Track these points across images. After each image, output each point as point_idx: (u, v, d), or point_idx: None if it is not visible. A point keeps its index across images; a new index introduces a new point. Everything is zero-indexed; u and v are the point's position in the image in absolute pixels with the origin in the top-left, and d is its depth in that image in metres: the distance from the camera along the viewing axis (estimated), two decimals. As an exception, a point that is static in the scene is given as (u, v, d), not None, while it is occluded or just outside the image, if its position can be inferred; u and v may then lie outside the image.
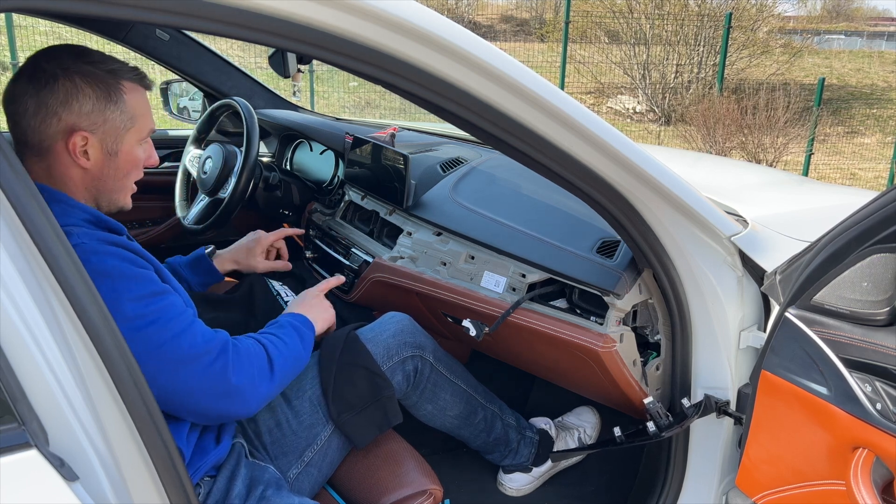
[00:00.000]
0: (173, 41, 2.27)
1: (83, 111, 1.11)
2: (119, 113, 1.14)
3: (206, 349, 1.11)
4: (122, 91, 1.14)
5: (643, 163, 1.17)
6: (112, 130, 1.14)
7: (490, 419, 1.76)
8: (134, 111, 1.16)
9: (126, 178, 1.20)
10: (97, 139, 1.13)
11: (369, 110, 9.74)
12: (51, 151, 1.12)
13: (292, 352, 1.28)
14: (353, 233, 2.07)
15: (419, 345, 1.59)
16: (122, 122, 1.15)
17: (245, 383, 1.15)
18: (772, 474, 1.26)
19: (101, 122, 1.12)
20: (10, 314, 0.72)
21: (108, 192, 1.19)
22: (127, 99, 1.15)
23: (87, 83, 1.11)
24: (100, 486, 0.78)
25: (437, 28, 0.96)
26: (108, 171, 1.16)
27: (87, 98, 1.11)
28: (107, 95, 1.13)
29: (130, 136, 1.17)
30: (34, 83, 1.10)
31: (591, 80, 11.67)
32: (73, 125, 1.10)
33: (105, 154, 1.15)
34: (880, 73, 14.18)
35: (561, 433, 1.91)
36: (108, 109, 1.13)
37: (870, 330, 1.08)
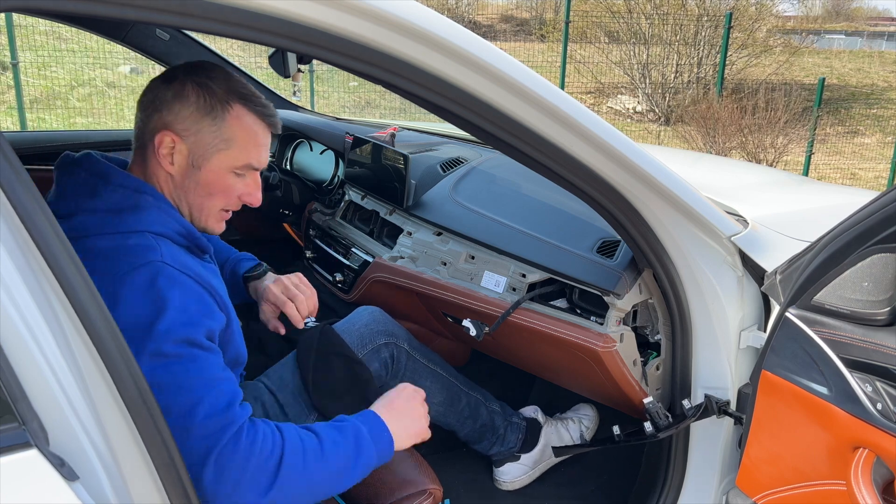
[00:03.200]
0: (173, 41, 2.27)
1: (181, 115, 1.12)
2: (214, 129, 1.13)
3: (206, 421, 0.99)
4: (227, 111, 1.13)
5: (643, 163, 1.17)
6: (201, 144, 1.13)
7: (474, 405, 1.79)
8: (233, 136, 1.14)
9: (210, 198, 1.17)
10: (186, 147, 1.13)
11: (369, 110, 9.74)
12: (147, 147, 1.14)
13: (325, 463, 1.07)
14: (353, 233, 2.07)
15: (392, 333, 1.62)
16: (214, 140, 1.13)
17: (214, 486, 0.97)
18: (772, 474, 1.26)
19: (193, 130, 1.12)
20: (10, 314, 0.72)
21: (192, 206, 1.18)
22: (229, 120, 1.13)
23: (196, 92, 1.12)
24: (100, 485, 0.78)
25: (437, 28, 0.96)
26: (188, 184, 1.15)
27: (189, 104, 1.12)
28: (209, 108, 1.12)
29: (220, 157, 1.14)
30: (159, 81, 1.14)
31: (591, 80, 11.66)
32: (167, 125, 1.12)
33: (189, 164, 1.14)
34: (880, 73, 14.17)
35: (553, 421, 1.92)
36: (204, 122, 1.12)
37: (870, 330, 1.08)
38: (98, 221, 1.07)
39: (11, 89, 7.22)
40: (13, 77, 6.84)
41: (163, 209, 1.12)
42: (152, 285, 1.01)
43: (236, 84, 1.16)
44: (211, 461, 0.97)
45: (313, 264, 2.21)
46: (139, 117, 1.16)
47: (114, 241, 1.05)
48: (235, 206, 1.22)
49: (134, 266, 1.02)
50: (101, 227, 1.06)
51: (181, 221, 1.14)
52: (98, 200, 1.09)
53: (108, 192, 1.10)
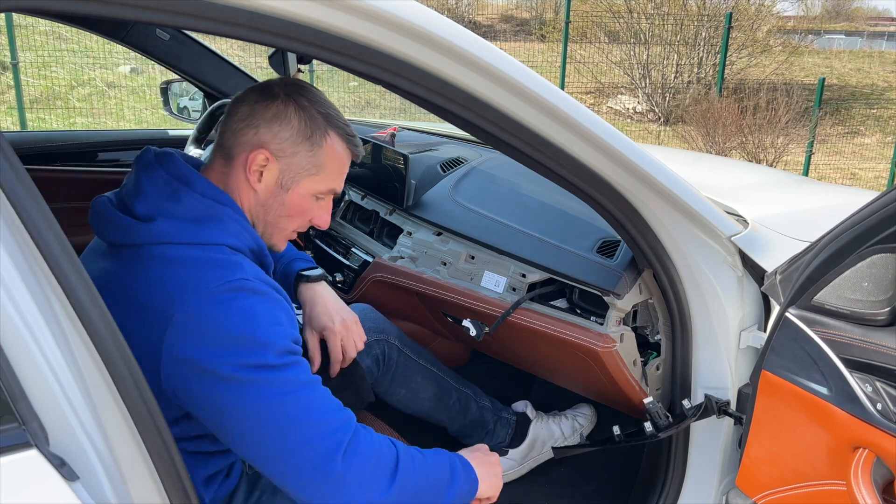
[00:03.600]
0: (173, 41, 2.27)
1: (279, 136, 1.11)
2: (310, 155, 1.13)
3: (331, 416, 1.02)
4: (324, 139, 1.14)
5: (643, 163, 1.17)
6: (294, 166, 1.13)
7: (464, 401, 1.80)
8: (325, 163, 1.15)
9: (287, 219, 1.18)
10: (277, 167, 1.13)
11: (369, 110, 9.74)
12: (235, 160, 1.13)
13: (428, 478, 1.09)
14: (353, 232, 2.07)
15: (383, 329, 1.64)
16: (307, 164, 1.14)
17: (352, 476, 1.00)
18: (772, 474, 1.26)
19: (289, 153, 1.12)
20: (10, 314, 0.72)
21: (267, 224, 1.18)
22: (325, 148, 1.14)
23: (299, 116, 1.12)
24: (100, 486, 0.78)
25: (437, 28, 0.96)
26: (272, 203, 1.15)
27: (290, 127, 1.11)
28: (308, 133, 1.12)
29: (309, 182, 1.15)
30: (257, 94, 1.12)
31: (591, 80, 11.66)
32: (264, 143, 1.11)
33: (277, 185, 1.14)
34: (880, 73, 14.17)
35: (545, 417, 1.93)
36: (302, 147, 1.12)
37: (870, 330, 1.08)
38: (178, 229, 1.05)
39: (11, 89, 7.22)
40: (13, 77, 6.85)
41: (241, 223, 1.11)
42: (243, 301, 1.00)
43: (333, 110, 1.17)
44: (340, 453, 0.99)
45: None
46: (229, 125, 1.13)
47: (195, 251, 1.03)
48: (304, 228, 1.22)
49: (222, 282, 1.00)
50: (182, 236, 1.04)
51: (255, 238, 1.13)
52: (180, 206, 1.07)
53: (189, 199, 1.08)
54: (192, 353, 0.96)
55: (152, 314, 0.98)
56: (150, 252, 1.03)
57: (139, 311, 0.99)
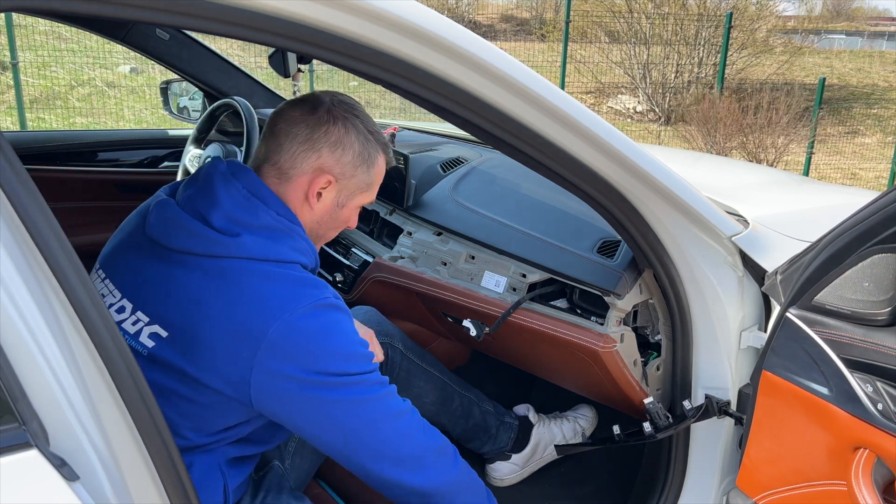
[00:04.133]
0: (173, 41, 2.27)
1: (342, 161, 1.16)
2: (365, 175, 1.20)
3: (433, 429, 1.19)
4: (376, 160, 1.21)
5: (644, 163, 1.17)
6: (352, 187, 1.19)
7: (467, 405, 1.80)
8: (374, 179, 1.22)
9: (335, 231, 1.26)
10: (337, 188, 1.18)
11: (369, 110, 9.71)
12: (294, 180, 1.15)
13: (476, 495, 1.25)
14: (353, 232, 2.07)
15: (387, 332, 1.64)
16: (362, 184, 1.20)
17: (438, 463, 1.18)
18: (773, 474, 1.26)
19: (349, 175, 1.18)
20: (10, 314, 0.72)
21: (316, 238, 1.23)
22: (376, 170, 1.21)
23: (358, 139, 1.17)
24: (100, 486, 0.78)
25: (437, 28, 0.96)
26: (326, 220, 1.21)
27: (352, 152, 1.17)
28: (366, 156, 1.18)
29: (360, 198, 1.22)
30: (314, 116, 1.15)
31: (592, 80, 11.66)
32: (327, 168, 1.15)
33: (334, 204, 1.20)
34: (881, 72, 14.17)
35: (547, 420, 1.93)
36: (360, 168, 1.18)
37: (871, 330, 1.08)
38: (262, 246, 1.07)
39: (11, 89, 7.22)
40: (13, 77, 6.85)
41: (308, 242, 1.16)
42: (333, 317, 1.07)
43: (376, 127, 1.22)
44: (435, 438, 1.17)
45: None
46: (287, 145, 1.15)
47: (278, 268, 1.07)
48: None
49: (315, 299, 1.05)
50: (263, 252, 1.07)
51: (315, 255, 1.18)
52: (259, 223, 1.10)
53: (266, 217, 1.11)
54: (291, 367, 1.01)
55: (244, 327, 1.01)
56: (236, 266, 1.05)
57: (228, 323, 1.01)
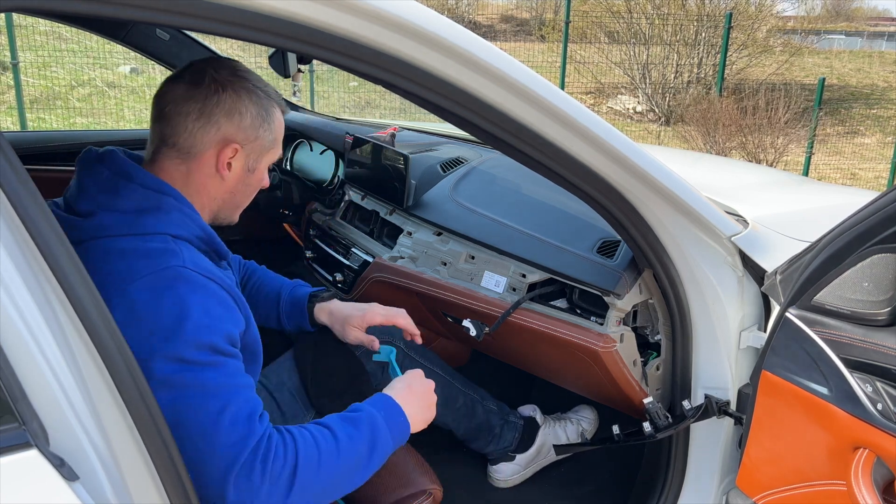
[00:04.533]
0: (173, 41, 2.27)
1: (242, 126, 1.14)
2: (268, 133, 1.17)
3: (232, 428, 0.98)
4: (272, 113, 1.18)
5: (643, 163, 1.17)
6: (258, 148, 1.17)
7: (471, 404, 1.79)
8: (277, 134, 1.20)
9: (250, 196, 1.23)
10: (244, 154, 1.16)
11: (369, 110, 9.74)
12: (199, 157, 1.13)
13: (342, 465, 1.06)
14: (353, 233, 2.07)
15: (389, 331, 1.62)
16: (267, 142, 1.18)
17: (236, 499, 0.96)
18: (772, 474, 1.26)
19: (252, 138, 1.15)
20: (10, 314, 0.72)
21: (232, 206, 1.21)
22: (275, 123, 1.18)
23: (251, 100, 1.14)
24: (100, 486, 0.78)
25: (437, 28, 0.96)
26: (240, 187, 1.19)
27: (249, 115, 1.14)
28: (263, 116, 1.16)
29: (268, 157, 1.20)
30: (200, 89, 1.11)
31: (591, 80, 11.66)
32: (230, 137, 1.13)
33: (244, 170, 1.18)
34: (880, 73, 14.17)
35: (552, 422, 1.92)
36: (262, 128, 1.16)
37: (870, 330, 1.08)
38: (118, 221, 1.05)
39: (11, 89, 7.22)
40: (13, 77, 6.84)
41: (185, 212, 1.11)
42: (174, 290, 1.00)
43: (269, 86, 1.19)
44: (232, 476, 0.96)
45: (313, 264, 2.21)
46: (182, 124, 1.11)
47: (134, 242, 1.03)
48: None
49: (154, 270, 1.00)
50: (122, 228, 1.04)
51: (203, 226, 1.13)
52: (120, 200, 1.07)
53: (130, 192, 1.08)
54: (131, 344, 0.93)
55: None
56: (92, 246, 1.03)
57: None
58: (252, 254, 1.97)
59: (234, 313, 1.08)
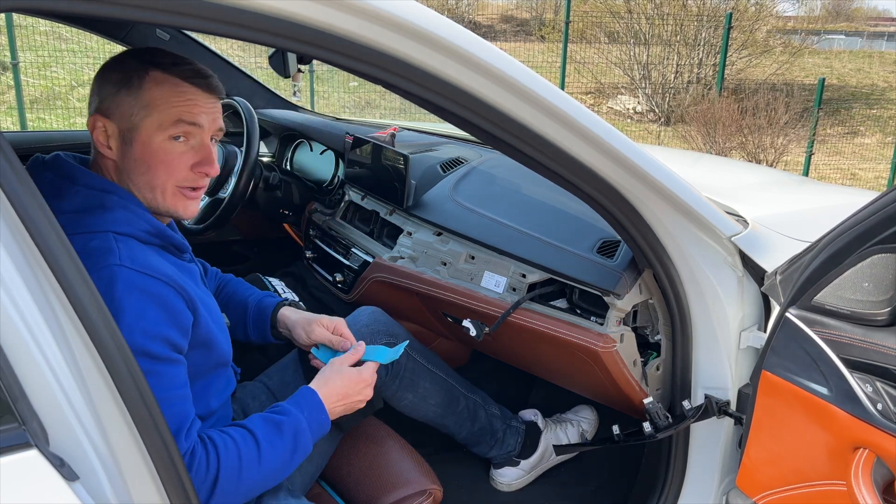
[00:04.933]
0: (173, 41, 2.27)
1: (102, 94, 1.10)
2: (131, 98, 1.08)
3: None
4: (143, 78, 1.08)
5: (643, 163, 1.17)
6: (125, 116, 1.08)
7: (473, 408, 1.78)
8: (151, 99, 1.08)
9: (151, 173, 1.10)
10: (114, 125, 1.09)
11: (369, 110, 9.74)
12: (93, 147, 1.13)
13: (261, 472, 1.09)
14: (353, 233, 2.07)
15: (393, 333, 1.62)
16: (132, 108, 1.08)
17: None
18: (772, 474, 1.26)
19: (114, 106, 1.09)
20: (10, 314, 0.72)
21: (144, 188, 1.12)
22: (147, 86, 1.08)
23: (115, 69, 1.10)
24: (100, 485, 0.78)
25: (437, 28, 0.96)
26: (128, 163, 1.10)
27: (108, 82, 1.09)
28: (124, 80, 1.08)
29: (147, 125, 1.08)
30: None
31: (591, 81, 11.66)
32: (94, 108, 1.10)
33: (122, 142, 1.10)
34: (880, 73, 14.17)
35: (553, 425, 1.92)
36: (121, 93, 1.08)
37: (870, 330, 1.08)
38: (64, 223, 1.00)
39: (11, 89, 7.22)
40: (13, 77, 6.84)
41: (130, 208, 1.08)
42: (109, 293, 0.97)
43: (158, 52, 1.12)
44: None
45: (313, 264, 2.21)
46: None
47: (79, 242, 1.00)
48: (195, 181, 1.15)
49: (92, 270, 0.93)
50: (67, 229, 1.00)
51: (150, 220, 1.10)
52: (64, 202, 1.05)
53: (73, 194, 1.07)
54: None
55: None
56: None
57: None
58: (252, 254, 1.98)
59: (173, 313, 1.04)
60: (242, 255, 2.66)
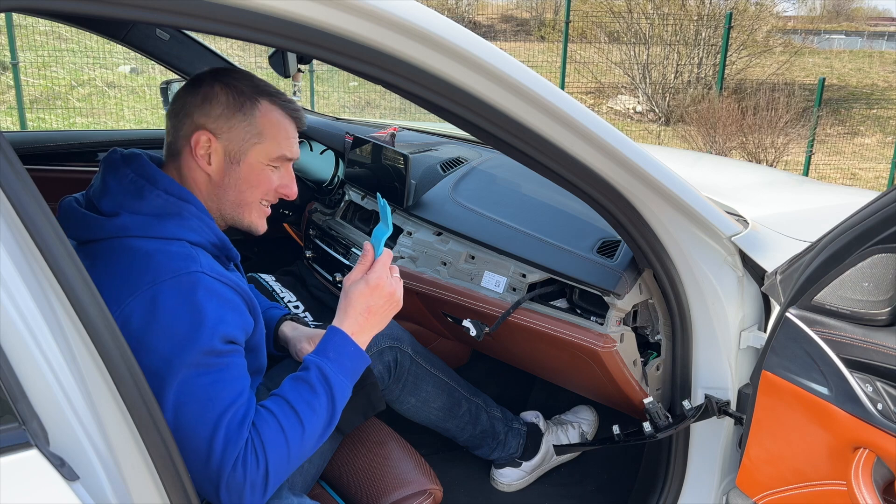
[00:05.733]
0: (173, 41, 2.26)
1: (212, 114, 1.15)
2: (246, 124, 1.16)
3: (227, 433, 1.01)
4: (256, 106, 1.17)
5: (643, 163, 1.17)
6: (236, 139, 1.16)
7: (475, 411, 1.79)
8: (263, 129, 1.17)
9: (249, 192, 1.20)
10: (221, 145, 1.16)
11: (369, 110, 9.74)
12: (181, 153, 1.17)
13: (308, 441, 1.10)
14: (353, 233, 2.07)
15: (396, 337, 1.63)
16: (246, 134, 1.16)
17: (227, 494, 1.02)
18: (772, 474, 1.26)
19: (226, 128, 1.15)
20: (10, 314, 0.72)
21: (232, 204, 1.20)
22: (259, 115, 1.17)
23: (224, 91, 1.16)
24: (100, 485, 0.78)
25: (437, 28, 0.96)
26: (229, 180, 1.18)
27: (219, 103, 1.15)
28: (238, 105, 1.16)
29: (256, 150, 1.17)
30: (186, 89, 1.17)
31: (591, 80, 11.66)
32: (201, 125, 1.15)
33: (227, 161, 1.17)
34: (880, 73, 14.17)
35: (554, 427, 1.92)
36: (236, 118, 1.15)
37: (871, 330, 1.08)
38: (141, 223, 1.08)
39: (11, 89, 7.22)
40: (13, 77, 6.84)
41: (204, 220, 1.14)
42: (192, 296, 1.02)
43: (261, 82, 1.20)
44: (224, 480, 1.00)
45: (313, 264, 2.21)
46: (170, 128, 1.18)
47: (157, 244, 1.06)
48: (274, 199, 1.24)
49: (176, 274, 1.03)
50: (144, 230, 1.08)
51: (217, 232, 1.16)
52: (144, 203, 1.10)
53: (153, 197, 1.11)
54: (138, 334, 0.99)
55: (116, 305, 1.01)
56: (116, 244, 1.07)
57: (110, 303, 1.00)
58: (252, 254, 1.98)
59: (244, 316, 1.11)
60: (242, 255, 2.66)
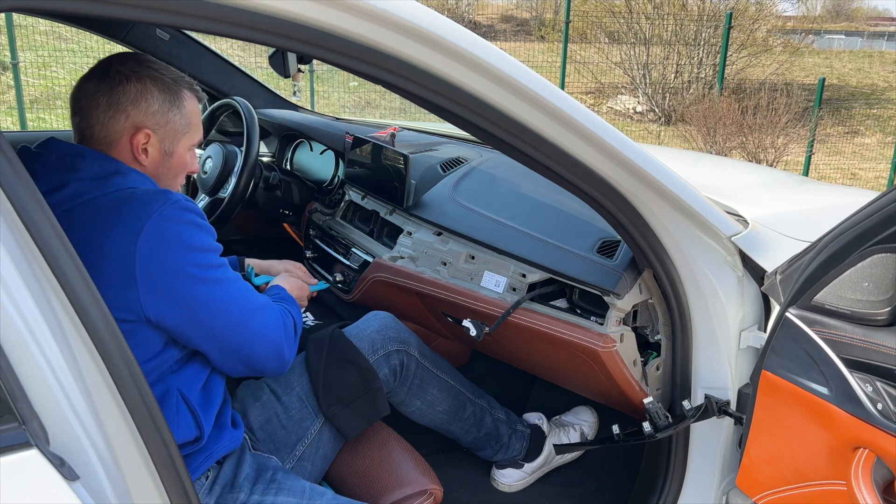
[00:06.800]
0: (173, 41, 2.27)
1: (150, 111, 1.19)
2: (179, 117, 1.22)
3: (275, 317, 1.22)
4: (183, 98, 1.23)
5: (643, 163, 1.17)
6: (171, 132, 1.22)
7: (479, 414, 1.78)
8: (190, 118, 1.24)
9: (175, 179, 1.28)
10: (158, 139, 1.21)
11: (369, 110, 9.74)
12: (115, 146, 1.19)
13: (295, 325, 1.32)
14: (353, 233, 2.07)
15: (403, 340, 1.62)
16: (180, 126, 1.23)
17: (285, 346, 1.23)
18: (772, 474, 1.26)
19: (163, 122, 1.20)
20: (10, 314, 0.72)
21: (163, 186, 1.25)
22: (186, 106, 1.23)
23: (156, 86, 1.19)
24: (100, 485, 0.78)
25: (437, 28, 0.96)
26: (161, 171, 1.24)
27: (154, 99, 1.19)
28: (171, 99, 1.21)
29: (185, 140, 1.25)
30: (106, 82, 1.17)
31: (592, 80, 11.66)
32: (140, 123, 1.18)
33: (162, 154, 1.23)
34: (880, 73, 14.17)
35: (556, 429, 1.92)
36: (171, 112, 1.21)
37: (870, 330, 1.08)
38: (93, 185, 1.12)
39: (11, 89, 7.22)
40: (13, 77, 6.84)
41: (142, 175, 1.19)
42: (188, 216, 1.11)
43: (172, 70, 1.24)
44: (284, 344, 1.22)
45: (313, 264, 2.21)
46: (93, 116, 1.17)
47: (122, 194, 1.11)
48: (184, 181, 1.34)
49: (166, 202, 1.09)
50: (99, 189, 1.12)
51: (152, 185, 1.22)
52: (80, 172, 1.14)
53: (88, 165, 1.15)
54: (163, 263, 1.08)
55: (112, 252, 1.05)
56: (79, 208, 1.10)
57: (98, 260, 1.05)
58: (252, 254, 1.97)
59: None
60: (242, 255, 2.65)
